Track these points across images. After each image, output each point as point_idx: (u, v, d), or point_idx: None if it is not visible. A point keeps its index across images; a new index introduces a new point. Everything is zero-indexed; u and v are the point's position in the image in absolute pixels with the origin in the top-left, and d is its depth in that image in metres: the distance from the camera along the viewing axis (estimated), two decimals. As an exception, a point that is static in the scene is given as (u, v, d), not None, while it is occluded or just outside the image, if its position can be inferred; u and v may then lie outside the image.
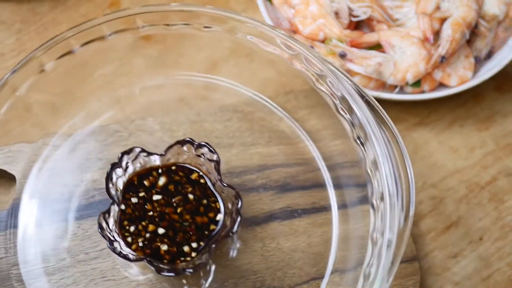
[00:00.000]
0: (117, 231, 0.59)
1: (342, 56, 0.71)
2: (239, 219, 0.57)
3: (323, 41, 0.73)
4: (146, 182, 0.61)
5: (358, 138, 0.61)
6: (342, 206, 0.65)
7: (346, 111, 0.61)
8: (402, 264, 0.63)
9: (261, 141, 0.68)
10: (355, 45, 0.72)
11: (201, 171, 0.62)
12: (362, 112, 0.59)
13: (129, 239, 0.59)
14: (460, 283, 0.66)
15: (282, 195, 0.65)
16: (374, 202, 0.59)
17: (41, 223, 0.62)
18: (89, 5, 0.78)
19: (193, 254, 0.58)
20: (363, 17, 0.73)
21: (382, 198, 0.57)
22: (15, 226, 0.62)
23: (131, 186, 0.61)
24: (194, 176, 0.62)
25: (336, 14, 0.73)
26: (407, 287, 0.62)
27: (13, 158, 0.65)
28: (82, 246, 0.61)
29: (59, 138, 0.67)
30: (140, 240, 0.59)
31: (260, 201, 0.65)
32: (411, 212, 0.55)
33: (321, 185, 0.66)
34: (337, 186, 0.66)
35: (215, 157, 0.60)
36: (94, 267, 0.61)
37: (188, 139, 0.61)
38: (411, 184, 0.56)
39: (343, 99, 0.61)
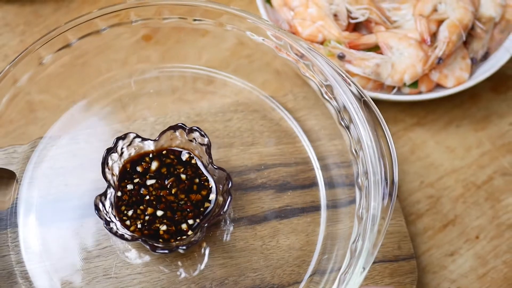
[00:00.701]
0: (114, 214, 0.61)
1: (341, 57, 0.72)
2: (229, 199, 0.59)
3: (322, 43, 0.73)
4: (139, 168, 0.63)
5: (343, 119, 0.62)
6: (342, 204, 0.65)
7: (330, 96, 0.62)
8: (399, 262, 0.63)
9: (261, 141, 0.68)
10: (353, 46, 0.72)
11: (193, 155, 0.64)
12: (345, 94, 0.60)
13: (127, 222, 0.61)
14: (457, 281, 0.67)
15: (281, 194, 0.66)
16: (359, 181, 0.60)
17: (43, 222, 0.63)
18: (92, 8, 0.78)
19: (190, 233, 0.60)
20: (361, 19, 0.74)
21: (366, 177, 0.58)
22: (17, 225, 0.62)
23: (125, 173, 0.63)
24: (185, 157, 0.64)
25: (335, 16, 0.74)
26: (405, 285, 0.62)
27: (14, 157, 0.65)
28: (84, 244, 0.62)
29: (60, 136, 0.67)
30: (139, 222, 0.61)
31: (260, 200, 0.65)
32: (395, 186, 0.56)
33: (320, 184, 0.67)
34: (337, 185, 0.66)
35: (206, 140, 0.62)
36: (96, 265, 0.61)
37: (180, 124, 0.62)
38: (394, 161, 0.57)
39: (327, 84, 0.62)
